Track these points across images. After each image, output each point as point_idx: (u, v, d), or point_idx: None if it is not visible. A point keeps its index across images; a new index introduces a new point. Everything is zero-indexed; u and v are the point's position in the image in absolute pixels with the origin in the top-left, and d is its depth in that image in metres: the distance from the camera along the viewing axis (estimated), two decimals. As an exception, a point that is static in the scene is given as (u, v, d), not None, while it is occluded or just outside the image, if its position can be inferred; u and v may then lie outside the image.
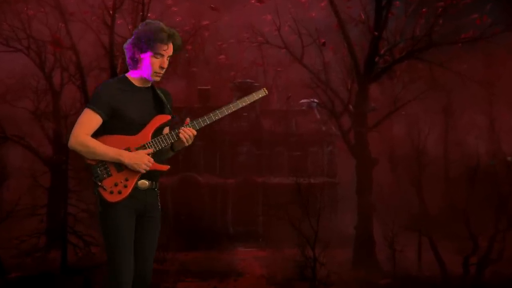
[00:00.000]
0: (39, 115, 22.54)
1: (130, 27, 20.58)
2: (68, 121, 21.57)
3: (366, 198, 21.13)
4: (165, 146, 4.79)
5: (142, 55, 4.74)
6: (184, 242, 20.95)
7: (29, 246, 20.48)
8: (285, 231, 19.49)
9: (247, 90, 26.52)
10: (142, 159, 4.64)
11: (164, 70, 4.81)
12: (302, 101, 27.82)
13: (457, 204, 20.29)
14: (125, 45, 4.85)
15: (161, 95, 4.89)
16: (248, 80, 26.81)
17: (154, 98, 4.87)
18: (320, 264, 18.24)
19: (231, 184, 27.24)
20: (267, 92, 4.95)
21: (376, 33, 20.72)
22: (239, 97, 4.88)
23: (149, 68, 4.75)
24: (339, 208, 25.27)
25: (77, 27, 20.23)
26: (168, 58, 4.82)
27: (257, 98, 4.90)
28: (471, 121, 21.48)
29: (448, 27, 20.34)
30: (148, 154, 4.72)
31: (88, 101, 17.65)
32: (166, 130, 4.94)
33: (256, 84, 27.04)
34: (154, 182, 4.86)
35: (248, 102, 4.89)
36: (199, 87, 27.74)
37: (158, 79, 4.82)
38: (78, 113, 19.56)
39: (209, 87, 28.04)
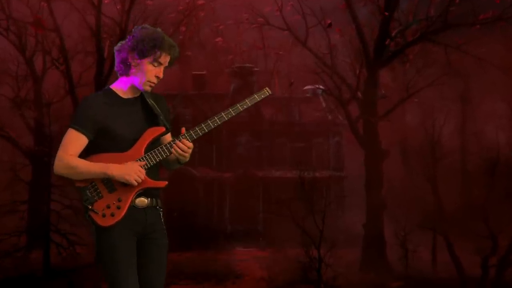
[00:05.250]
0: (19, 103, 22.50)
1: (118, 7, 20.55)
2: (50, 109, 21.52)
3: (375, 193, 21.15)
4: (158, 160, 4.69)
5: (139, 61, 4.65)
6: (178, 241, 20.91)
7: (8, 245, 20.48)
8: (287, 230, 19.51)
9: (246, 75, 26.54)
10: (132, 169, 4.55)
11: (158, 80, 4.74)
12: (306, 87, 27.82)
13: (475, 200, 20.32)
14: (117, 48, 4.75)
15: (153, 103, 4.80)
16: (247, 65, 26.79)
17: (144, 109, 4.79)
18: (325, 265, 18.29)
19: (228, 179, 27.25)
20: (270, 92, 4.88)
21: (386, 14, 20.69)
22: (237, 84, 4.82)
23: (143, 75, 4.67)
24: (346, 204, 25.28)
25: (61, 7, 20.21)
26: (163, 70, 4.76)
27: (259, 99, 4.80)
28: (491, 109, 21.48)
29: (465, 7, 20.30)
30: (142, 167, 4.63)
31: (72, 88, 17.44)
32: (166, 138, 4.84)
33: (255, 69, 27.05)
34: (154, 200, 4.75)
35: (250, 105, 4.80)
36: (193, 73, 27.69)
37: (149, 89, 4.73)
38: (61, 101, 19.40)
39: (204, 72, 28.00)
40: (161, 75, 4.72)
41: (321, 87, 24.17)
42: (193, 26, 24.42)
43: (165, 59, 4.69)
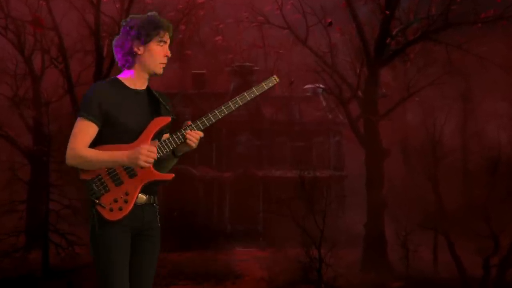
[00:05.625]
0: (17, 102, 22.51)
1: (117, 5, 20.56)
2: (49, 108, 21.51)
3: (376, 193, 21.14)
4: (171, 149, 4.63)
5: (145, 46, 4.66)
6: (177, 241, 20.95)
7: (7, 245, 20.47)
8: (287, 230, 19.51)
9: (246, 74, 26.52)
10: (140, 151, 4.47)
11: (167, 59, 4.73)
12: (307, 86, 27.81)
13: (476, 200, 20.30)
14: (116, 42, 4.73)
15: (158, 96, 4.79)
16: (247, 64, 26.77)
17: (150, 101, 4.77)
18: (326, 265, 18.27)
19: (228, 178, 27.26)
20: (278, 80, 4.84)
21: (387, 12, 20.68)
22: (237, 83, 4.81)
23: (153, 59, 4.68)
24: (347, 204, 25.29)
25: (60, 6, 20.21)
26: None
27: (267, 88, 4.77)
28: (492, 108, 21.49)
29: (467, 5, 20.33)
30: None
31: (71, 87, 17.38)
32: (167, 135, 4.77)
33: (256, 68, 27.03)
34: (152, 197, 4.74)
35: (257, 93, 4.77)
36: (193, 71, 27.72)
37: (161, 71, 4.72)
38: (60, 100, 19.37)
39: (204, 71, 28.02)
40: (169, 54, 4.73)
41: (321, 86, 24.18)
42: (192, 25, 24.45)
43: (167, 36, 4.73)
